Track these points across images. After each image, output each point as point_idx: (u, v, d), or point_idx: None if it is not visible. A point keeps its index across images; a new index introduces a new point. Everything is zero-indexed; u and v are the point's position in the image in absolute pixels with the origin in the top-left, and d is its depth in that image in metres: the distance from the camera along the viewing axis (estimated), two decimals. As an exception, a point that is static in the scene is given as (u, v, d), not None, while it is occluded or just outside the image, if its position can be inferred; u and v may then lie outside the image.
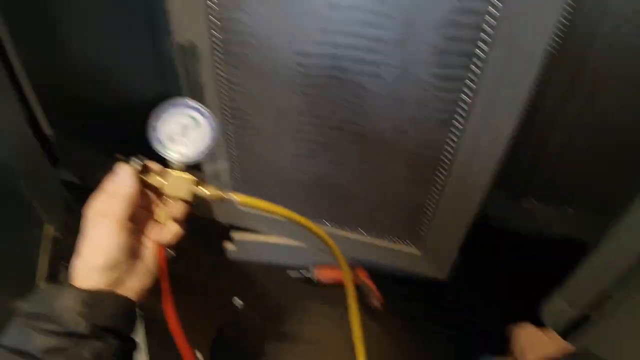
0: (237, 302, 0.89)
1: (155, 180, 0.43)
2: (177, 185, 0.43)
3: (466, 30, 0.52)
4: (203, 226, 0.46)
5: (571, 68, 0.68)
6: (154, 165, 0.44)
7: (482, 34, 0.51)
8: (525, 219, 0.91)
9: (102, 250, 0.39)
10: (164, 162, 0.44)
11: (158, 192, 0.44)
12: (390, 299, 0.88)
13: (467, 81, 0.56)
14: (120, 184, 0.41)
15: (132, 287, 0.41)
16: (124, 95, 1.37)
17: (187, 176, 0.43)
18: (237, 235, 0.95)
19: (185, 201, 0.44)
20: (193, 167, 0.45)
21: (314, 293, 0.92)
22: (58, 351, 0.34)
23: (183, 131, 0.43)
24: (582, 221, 0.86)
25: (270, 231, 0.93)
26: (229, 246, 0.96)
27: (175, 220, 0.44)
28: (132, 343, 0.41)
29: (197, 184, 0.44)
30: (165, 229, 0.44)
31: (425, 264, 0.81)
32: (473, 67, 0.54)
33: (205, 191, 0.44)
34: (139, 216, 0.43)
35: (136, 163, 0.42)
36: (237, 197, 0.46)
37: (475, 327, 0.85)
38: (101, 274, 0.38)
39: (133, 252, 0.41)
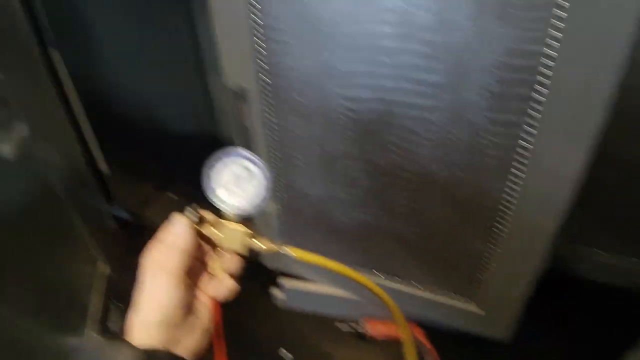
0: (285, 354, 0.86)
1: (210, 231, 0.42)
2: (231, 238, 0.42)
3: (522, 73, 0.49)
4: (250, 269, 0.45)
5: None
6: (208, 216, 0.44)
7: (539, 77, 0.48)
8: (597, 269, 0.83)
9: (159, 306, 0.38)
10: (218, 213, 0.44)
11: (212, 244, 0.43)
12: None
13: (525, 126, 0.52)
14: (176, 235, 0.41)
15: (188, 346, 0.40)
16: (175, 134, 1.45)
17: (242, 228, 0.42)
18: (286, 283, 0.93)
19: (240, 254, 0.43)
20: (246, 218, 0.44)
21: (365, 348, 0.87)
22: None
23: (237, 181, 0.43)
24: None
25: (320, 280, 0.90)
26: (277, 293, 0.95)
27: (231, 274, 0.43)
28: None
29: (252, 236, 0.43)
30: (221, 284, 0.43)
31: (485, 322, 0.75)
32: (531, 111, 0.51)
33: (260, 244, 0.43)
34: (194, 269, 0.43)
35: (191, 214, 0.42)
36: (292, 252, 0.45)
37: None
38: (158, 332, 0.38)
39: (189, 308, 0.40)
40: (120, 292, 1.03)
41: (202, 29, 1.45)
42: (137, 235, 1.31)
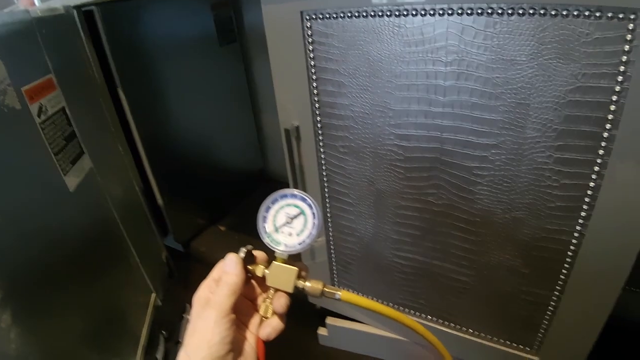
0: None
1: (260, 270, 0.43)
2: (279, 276, 0.42)
3: (589, 110, 0.47)
4: (297, 308, 0.44)
5: None
6: (260, 255, 0.44)
7: (608, 113, 0.46)
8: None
9: (206, 343, 0.38)
10: (271, 251, 0.44)
11: (262, 283, 0.44)
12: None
13: (595, 166, 0.50)
14: (228, 273, 0.41)
15: None
16: (227, 169, 1.50)
17: (290, 268, 0.43)
18: (332, 322, 0.91)
19: (287, 293, 0.43)
20: (295, 257, 0.44)
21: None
22: None
23: (289, 222, 0.43)
24: None
25: (367, 320, 0.87)
26: (321, 331, 0.92)
27: (278, 313, 0.43)
28: None
29: (300, 276, 0.43)
30: (267, 323, 0.43)
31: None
32: (599, 149, 0.48)
33: (307, 284, 0.43)
34: (243, 307, 0.43)
35: (243, 252, 0.42)
36: (339, 293, 0.44)
37: None
38: None
39: (235, 346, 0.40)
40: (168, 322, 1.05)
41: (257, 70, 1.52)
42: (186, 266, 1.34)
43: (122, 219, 0.90)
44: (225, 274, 0.41)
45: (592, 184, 0.51)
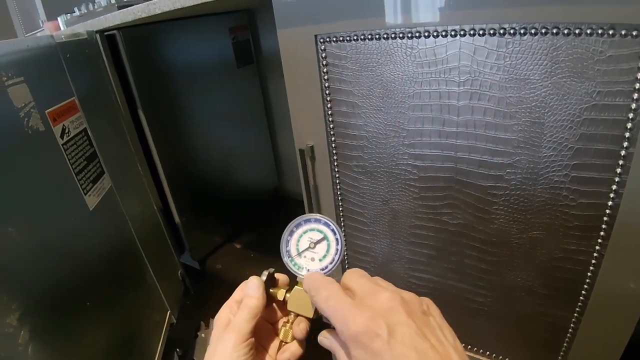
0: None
1: (281, 294, 0.43)
2: (300, 301, 0.42)
3: (605, 128, 0.47)
4: (315, 329, 0.44)
5: None
6: (282, 278, 0.44)
7: (625, 132, 0.46)
8: None
9: None
10: (293, 275, 0.44)
11: (283, 307, 0.44)
12: None
13: (613, 185, 0.49)
14: (249, 296, 0.41)
15: None
16: (243, 189, 1.52)
17: None
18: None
19: (307, 318, 0.43)
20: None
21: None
22: None
23: (312, 247, 0.43)
24: None
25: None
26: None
27: (296, 338, 0.43)
28: None
29: None
30: (286, 347, 0.42)
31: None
32: (617, 168, 0.48)
33: None
34: (263, 330, 0.43)
35: (265, 275, 0.42)
36: None
37: None
38: None
39: None
40: (182, 340, 1.05)
41: (273, 90, 1.55)
42: (202, 284, 1.35)
43: (140, 237, 0.91)
44: (247, 297, 0.41)
45: (610, 203, 0.50)
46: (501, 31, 0.48)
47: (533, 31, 0.47)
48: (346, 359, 0.33)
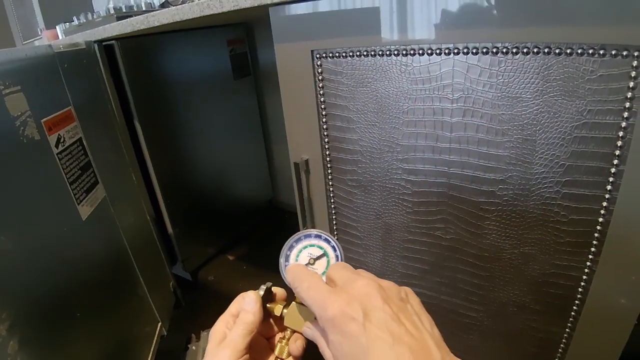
0: None
1: (278, 309, 0.42)
2: (297, 318, 0.42)
3: (595, 145, 0.48)
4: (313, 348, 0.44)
5: None
6: (280, 292, 0.44)
7: (615, 150, 0.46)
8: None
9: None
10: (290, 290, 0.44)
11: (279, 322, 0.43)
12: None
13: (603, 202, 0.49)
14: (245, 311, 0.41)
15: None
16: (237, 201, 1.51)
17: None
18: None
19: (304, 334, 0.42)
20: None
21: None
22: None
23: (311, 263, 0.43)
24: None
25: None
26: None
27: (292, 355, 0.42)
28: None
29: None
30: None
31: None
32: (607, 185, 0.48)
33: None
34: (258, 345, 0.42)
35: (263, 290, 0.42)
36: None
37: None
38: None
39: None
40: (172, 352, 1.04)
41: (269, 102, 1.56)
42: (193, 295, 1.34)
43: (132, 248, 0.90)
44: (244, 311, 0.40)
45: (601, 220, 0.50)
46: (494, 50, 0.49)
47: (525, 50, 0.48)
48: (326, 346, 0.34)
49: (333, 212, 0.74)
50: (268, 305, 0.42)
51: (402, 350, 0.28)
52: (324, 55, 0.62)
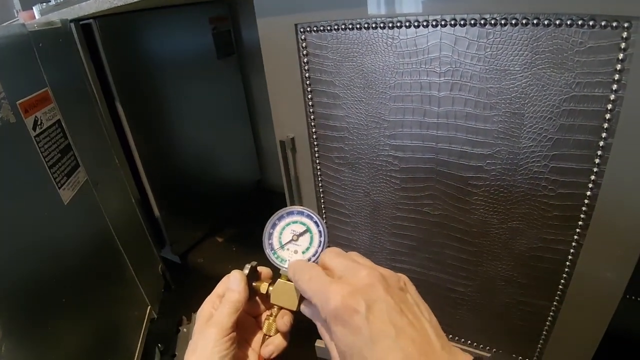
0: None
1: (264, 287, 0.42)
2: (283, 294, 0.42)
3: (584, 119, 0.47)
4: (300, 325, 0.44)
5: None
6: (265, 271, 0.44)
7: (604, 123, 0.46)
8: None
9: (206, 358, 0.37)
10: (276, 269, 0.44)
11: (266, 300, 0.43)
12: None
13: (592, 175, 0.49)
14: (231, 290, 0.41)
15: None
16: (224, 182, 1.50)
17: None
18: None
19: (291, 311, 0.42)
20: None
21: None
22: None
23: (295, 239, 0.43)
24: None
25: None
26: (319, 343, 0.91)
27: (280, 331, 0.42)
28: None
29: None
30: (269, 340, 0.42)
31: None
32: (595, 158, 0.48)
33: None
34: (245, 324, 0.43)
35: (247, 269, 0.42)
36: None
37: None
38: None
39: None
40: (163, 335, 1.04)
41: (254, 82, 1.53)
42: (183, 278, 1.33)
43: (117, 231, 0.89)
44: (229, 291, 0.41)
45: (588, 193, 0.50)
46: (482, 21, 0.48)
47: (514, 22, 0.46)
48: (327, 335, 0.34)
49: (320, 190, 0.74)
50: (254, 283, 0.42)
51: (405, 342, 0.28)
52: (308, 29, 0.60)
